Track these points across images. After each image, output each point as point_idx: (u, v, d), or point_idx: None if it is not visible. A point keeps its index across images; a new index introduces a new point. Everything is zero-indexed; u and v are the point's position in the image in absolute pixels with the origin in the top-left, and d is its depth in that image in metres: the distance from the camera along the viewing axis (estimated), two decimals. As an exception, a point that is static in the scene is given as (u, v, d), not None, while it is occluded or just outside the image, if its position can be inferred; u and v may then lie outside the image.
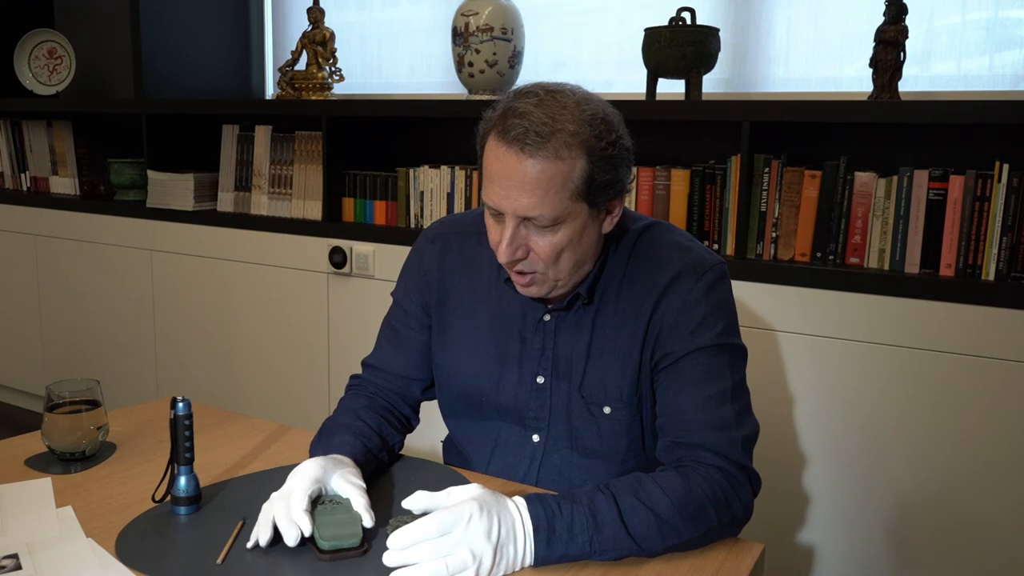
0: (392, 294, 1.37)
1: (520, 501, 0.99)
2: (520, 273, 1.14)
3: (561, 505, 1.00)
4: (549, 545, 0.97)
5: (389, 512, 1.11)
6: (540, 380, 1.23)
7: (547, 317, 1.22)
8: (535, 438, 1.26)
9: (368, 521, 1.02)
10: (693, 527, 1.04)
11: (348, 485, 1.06)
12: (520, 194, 1.06)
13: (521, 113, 1.05)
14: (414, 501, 0.99)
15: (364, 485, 1.08)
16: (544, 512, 0.98)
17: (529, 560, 0.97)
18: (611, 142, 1.08)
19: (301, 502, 1.01)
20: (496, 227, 1.12)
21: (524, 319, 1.24)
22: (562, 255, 1.11)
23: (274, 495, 1.04)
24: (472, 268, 1.28)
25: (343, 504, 1.05)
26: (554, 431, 1.24)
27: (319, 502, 1.06)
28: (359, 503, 1.03)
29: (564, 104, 1.06)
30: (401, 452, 1.32)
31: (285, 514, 1.00)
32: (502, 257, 1.10)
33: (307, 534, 0.99)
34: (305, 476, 1.05)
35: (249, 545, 1.01)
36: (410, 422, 1.36)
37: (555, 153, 1.04)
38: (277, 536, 1.02)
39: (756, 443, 1.16)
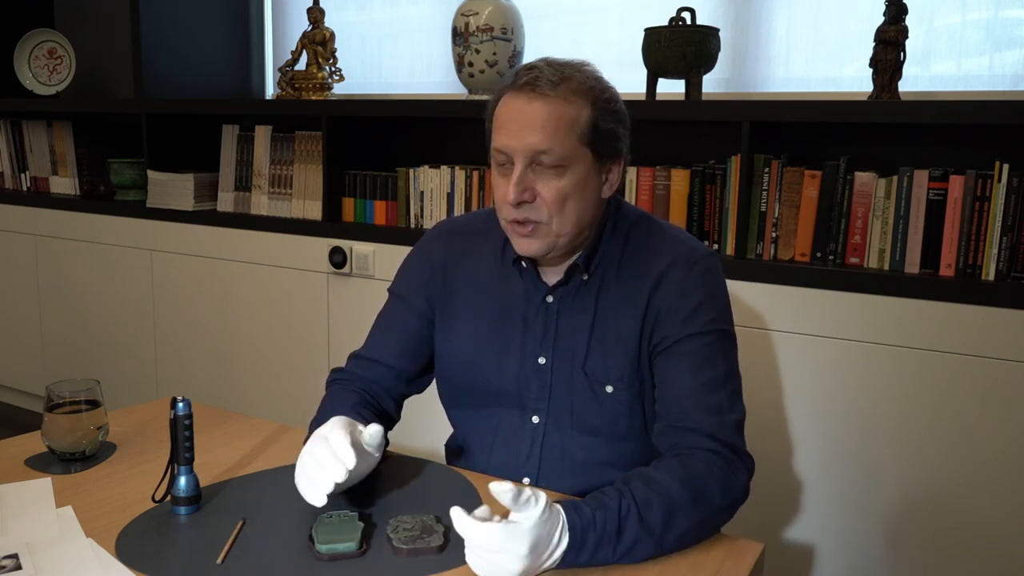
0: (389, 289, 1.39)
1: (559, 510, 0.98)
2: (522, 223, 1.17)
3: (596, 515, 1.00)
4: (578, 553, 0.98)
5: (390, 512, 1.11)
6: (542, 361, 1.26)
7: (550, 298, 1.25)
8: (535, 419, 1.27)
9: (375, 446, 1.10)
10: (700, 508, 1.06)
11: (377, 427, 1.10)
12: (531, 132, 1.13)
13: (531, 67, 1.16)
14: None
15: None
16: (580, 521, 0.98)
17: (556, 563, 0.97)
18: (612, 98, 1.19)
19: (343, 438, 1.04)
20: (503, 182, 1.17)
21: (527, 302, 1.27)
22: (567, 203, 1.16)
23: (306, 448, 1.06)
24: (475, 261, 1.32)
25: (347, 515, 1.06)
26: (554, 411, 1.26)
27: (323, 513, 1.06)
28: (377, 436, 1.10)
29: (570, 64, 1.18)
30: (402, 453, 1.32)
31: (329, 453, 1.03)
32: (511, 196, 1.14)
33: (350, 466, 1.02)
34: (337, 421, 1.09)
35: (319, 504, 1.03)
36: (393, 418, 1.36)
37: (564, 97, 1.13)
38: (276, 536, 1.02)
39: (745, 428, 1.19)
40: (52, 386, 1.26)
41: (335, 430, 1.06)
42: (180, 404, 1.10)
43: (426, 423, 1.41)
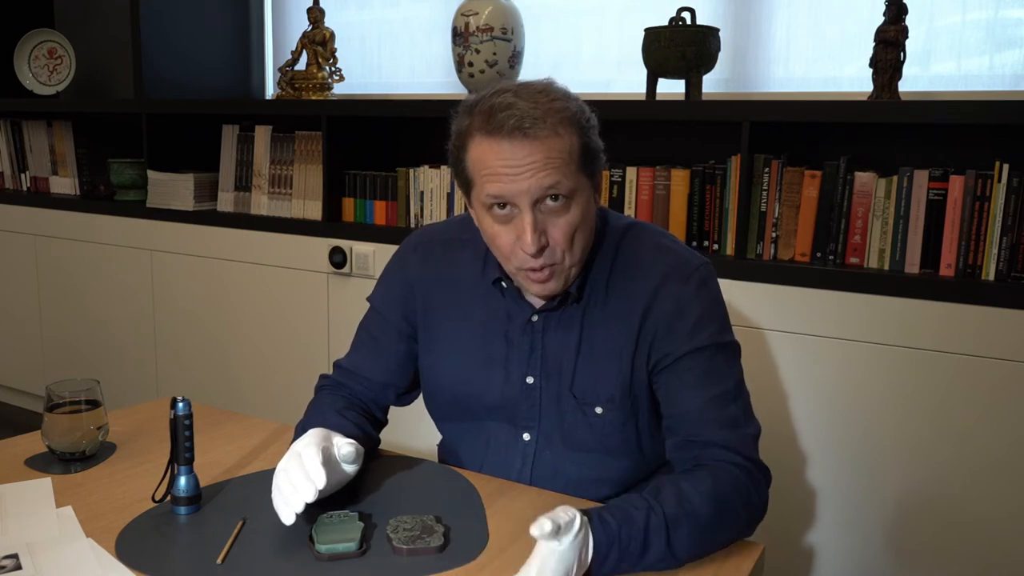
0: (369, 299, 1.36)
1: (585, 522, 0.97)
2: (536, 270, 1.12)
3: (622, 529, 0.98)
4: (601, 566, 0.97)
5: (390, 512, 1.11)
6: (529, 380, 1.23)
7: (535, 318, 1.22)
8: (525, 437, 1.26)
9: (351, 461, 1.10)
10: (726, 528, 1.05)
11: (350, 447, 1.10)
12: (533, 173, 1.06)
13: (506, 106, 1.07)
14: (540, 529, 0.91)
15: (361, 447, 1.14)
16: (606, 538, 0.97)
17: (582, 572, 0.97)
18: (588, 112, 1.12)
19: (315, 457, 1.03)
20: (505, 230, 1.11)
21: (509, 321, 1.24)
22: (576, 235, 1.12)
23: (281, 464, 1.05)
24: (454, 274, 1.28)
25: (347, 515, 1.06)
26: (545, 429, 1.24)
27: (323, 513, 1.06)
28: (350, 446, 1.10)
29: (537, 89, 1.10)
30: (401, 453, 1.32)
31: (301, 473, 1.02)
32: (531, 247, 1.08)
33: (320, 486, 1.01)
34: (312, 436, 1.08)
35: (289, 522, 1.02)
36: (381, 421, 1.36)
37: (554, 131, 1.07)
38: (276, 536, 1.03)
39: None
40: (52, 386, 1.26)
41: (308, 447, 1.05)
42: (180, 404, 1.10)
43: (423, 423, 1.40)
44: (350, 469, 1.12)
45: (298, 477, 1.02)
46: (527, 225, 1.08)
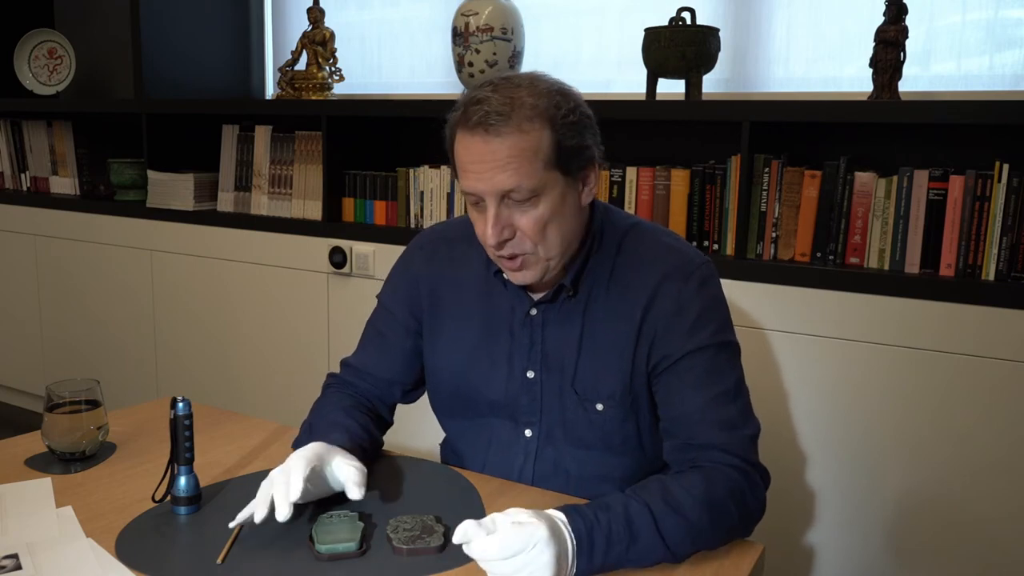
0: (378, 296, 1.38)
1: (559, 515, 0.98)
2: (510, 258, 1.14)
3: (598, 515, 0.99)
4: (590, 558, 0.97)
5: (390, 512, 1.11)
6: (530, 375, 1.24)
7: (534, 311, 1.23)
8: (527, 433, 1.26)
9: (357, 492, 1.07)
10: (718, 528, 1.05)
11: (348, 467, 1.09)
12: (494, 172, 1.08)
13: (479, 100, 1.09)
14: (463, 534, 0.93)
15: (365, 468, 1.11)
16: (584, 524, 0.97)
17: (572, 572, 0.96)
18: (571, 109, 1.11)
19: (300, 472, 1.03)
20: (480, 218, 1.14)
21: (512, 314, 1.25)
22: (548, 229, 1.12)
23: (272, 472, 1.05)
24: (461, 270, 1.29)
25: (347, 515, 1.06)
26: (546, 425, 1.25)
27: (323, 513, 1.06)
28: (358, 479, 1.07)
29: (518, 84, 1.11)
30: (401, 454, 1.33)
31: (284, 488, 1.02)
32: (490, 239, 1.11)
33: (294, 499, 1.01)
34: (306, 451, 1.08)
35: (234, 522, 1.02)
36: (387, 423, 1.36)
37: (519, 128, 1.07)
38: (276, 536, 1.03)
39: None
40: (52, 386, 1.26)
41: (299, 463, 1.05)
42: (180, 404, 1.10)
43: (425, 423, 1.41)
44: (335, 480, 1.11)
45: (280, 493, 1.02)
46: (489, 219, 1.11)
